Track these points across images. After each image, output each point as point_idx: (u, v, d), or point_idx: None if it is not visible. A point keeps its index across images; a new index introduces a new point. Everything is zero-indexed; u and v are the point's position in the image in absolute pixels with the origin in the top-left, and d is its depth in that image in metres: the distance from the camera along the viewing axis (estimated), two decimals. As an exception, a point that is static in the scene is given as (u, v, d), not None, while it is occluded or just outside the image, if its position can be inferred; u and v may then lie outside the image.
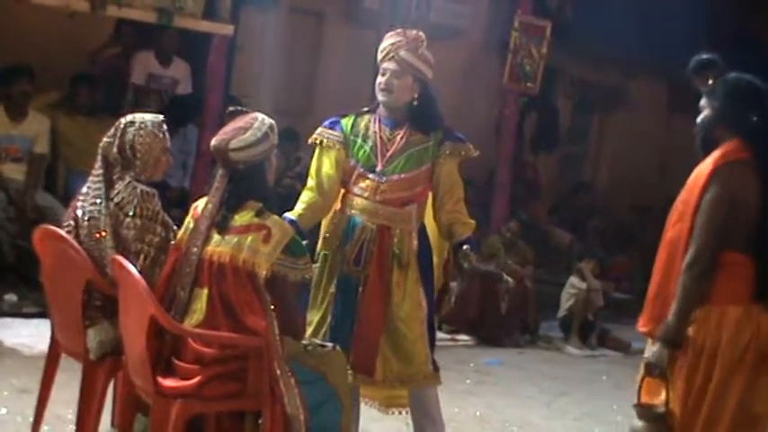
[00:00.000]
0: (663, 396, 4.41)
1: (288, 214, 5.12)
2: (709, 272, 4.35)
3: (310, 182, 5.31)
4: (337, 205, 5.35)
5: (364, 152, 5.26)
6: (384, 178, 5.22)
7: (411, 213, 5.26)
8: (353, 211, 5.26)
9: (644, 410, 4.49)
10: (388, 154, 5.23)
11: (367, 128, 5.30)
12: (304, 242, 4.68)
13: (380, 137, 5.26)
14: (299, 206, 5.26)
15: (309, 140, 5.36)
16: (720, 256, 4.36)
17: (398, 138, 5.25)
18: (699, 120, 4.60)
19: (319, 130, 5.35)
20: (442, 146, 5.27)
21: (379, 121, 5.29)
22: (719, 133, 4.51)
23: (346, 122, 5.33)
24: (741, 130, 4.45)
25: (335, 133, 5.30)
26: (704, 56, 4.66)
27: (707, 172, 4.40)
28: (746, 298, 4.37)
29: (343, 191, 5.33)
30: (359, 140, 5.28)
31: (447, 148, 5.27)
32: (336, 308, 5.22)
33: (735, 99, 4.51)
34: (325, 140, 5.30)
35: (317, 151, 5.34)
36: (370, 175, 5.24)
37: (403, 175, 5.23)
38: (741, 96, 4.52)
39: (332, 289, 5.24)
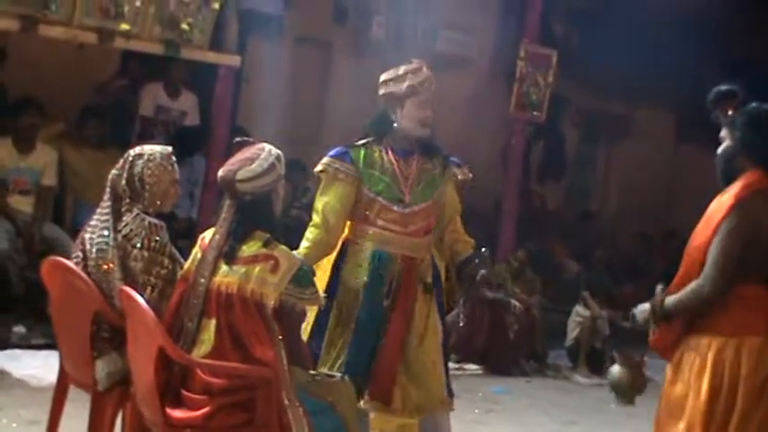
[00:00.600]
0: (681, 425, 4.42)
1: (294, 253, 5.02)
2: (719, 299, 4.36)
3: (315, 218, 5.19)
4: (357, 240, 5.26)
5: (385, 184, 5.20)
6: (408, 209, 5.22)
7: (431, 242, 5.29)
8: (377, 245, 5.21)
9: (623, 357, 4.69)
10: (409, 184, 5.23)
11: (381, 159, 5.24)
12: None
13: (398, 168, 5.25)
14: (305, 244, 5.14)
15: (315, 170, 5.29)
16: (738, 289, 4.36)
17: (413, 167, 5.26)
18: (720, 151, 4.61)
19: (326, 160, 5.25)
20: (446, 170, 5.31)
21: (389, 150, 5.27)
22: (741, 163, 4.51)
23: (356, 154, 5.24)
24: (763, 159, 4.46)
25: (346, 165, 5.20)
26: (724, 87, 4.66)
27: (728, 204, 4.40)
28: (764, 329, 4.37)
29: (350, 223, 5.27)
30: (376, 173, 5.21)
31: (450, 173, 5.32)
32: (354, 344, 5.17)
33: (756, 128, 4.51)
34: (332, 171, 5.21)
35: (322, 183, 5.24)
36: (396, 208, 5.20)
37: (423, 205, 5.24)
38: (762, 125, 4.52)
39: (352, 325, 5.18)
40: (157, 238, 4.73)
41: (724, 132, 4.61)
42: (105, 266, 4.72)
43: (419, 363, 5.19)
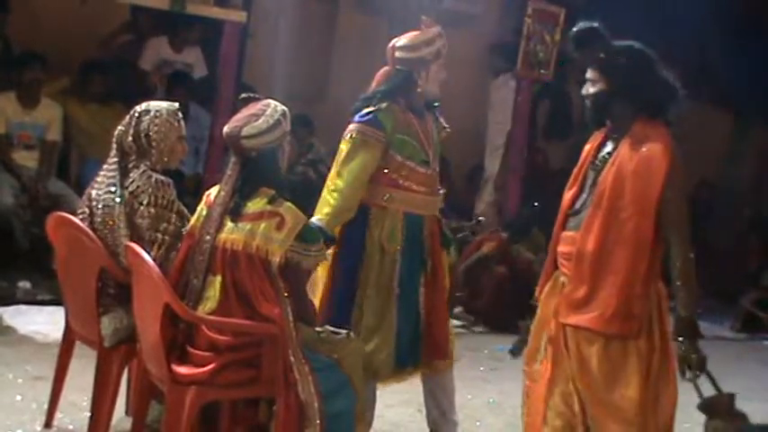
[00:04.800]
0: None
1: (314, 219, 4.95)
2: None
3: (339, 183, 5.09)
4: (387, 202, 5.22)
5: (413, 147, 5.20)
6: (431, 170, 5.27)
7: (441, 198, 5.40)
8: (407, 208, 5.21)
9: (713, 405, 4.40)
10: (431, 144, 5.27)
11: (407, 121, 5.21)
12: (330, 250, 4.69)
13: (420, 129, 5.25)
14: (326, 210, 5.06)
15: (347, 136, 5.15)
16: None
17: (428, 126, 5.29)
18: (590, 93, 4.44)
19: (354, 126, 5.15)
20: (438, 123, 5.39)
21: (409, 110, 5.23)
22: (619, 109, 4.37)
23: (386, 119, 5.15)
24: (647, 104, 4.32)
25: (377, 132, 5.12)
26: (585, 25, 4.42)
27: (668, 158, 4.28)
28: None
29: (372, 186, 5.17)
30: (404, 137, 5.19)
31: (442, 125, 5.41)
32: (401, 310, 5.19)
33: (638, 72, 4.34)
34: (361, 138, 5.12)
35: (349, 148, 5.12)
36: (423, 169, 5.23)
37: (436, 162, 5.34)
38: (645, 68, 4.34)
39: (396, 291, 5.19)
40: (164, 195, 4.72)
41: (592, 74, 4.42)
42: (112, 222, 4.72)
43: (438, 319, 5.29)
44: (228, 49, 8.38)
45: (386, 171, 5.16)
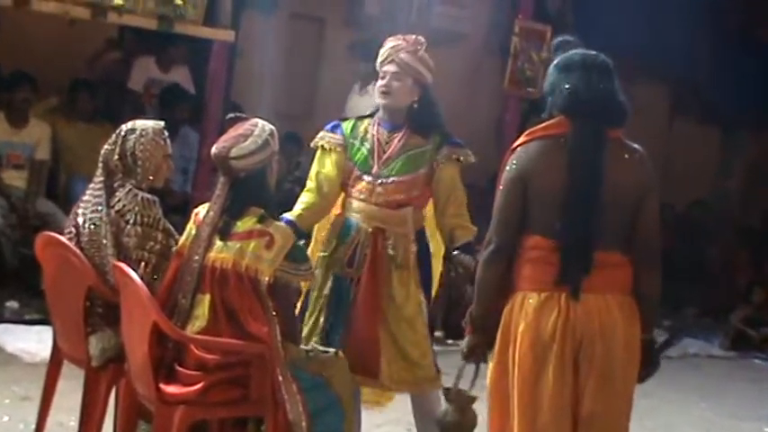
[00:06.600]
0: None
1: (287, 215, 5.12)
2: (500, 255, 4.25)
3: (310, 184, 5.31)
4: (338, 209, 5.37)
5: (362, 155, 5.26)
6: (379, 180, 5.22)
7: (406, 216, 5.25)
8: (350, 214, 5.27)
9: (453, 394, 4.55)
10: (385, 156, 5.23)
11: (366, 131, 5.30)
12: (302, 242, 4.69)
13: (378, 139, 5.27)
14: (298, 207, 5.26)
15: (311, 144, 5.38)
16: (522, 240, 4.23)
17: (396, 140, 5.26)
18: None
19: (321, 133, 5.37)
20: (440, 150, 5.26)
21: (379, 124, 5.30)
22: (550, 110, 4.32)
23: (347, 126, 5.35)
24: (564, 105, 4.24)
25: (336, 136, 5.31)
26: (561, 38, 4.46)
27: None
28: (550, 283, 4.17)
29: (343, 194, 5.35)
30: (357, 143, 5.28)
31: (445, 152, 5.25)
32: (330, 310, 5.23)
33: (558, 74, 4.30)
34: (325, 143, 5.31)
35: (318, 154, 5.34)
36: (366, 178, 5.24)
37: (398, 178, 5.22)
38: (563, 71, 4.29)
39: (326, 291, 5.24)
40: (150, 213, 4.71)
41: None
42: (99, 242, 4.71)
43: (404, 335, 5.20)
44: (217, 69, 8.37)
45: (345, 177, 5.28)
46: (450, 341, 9.33)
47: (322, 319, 5.22)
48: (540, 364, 4.16)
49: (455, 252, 5.15)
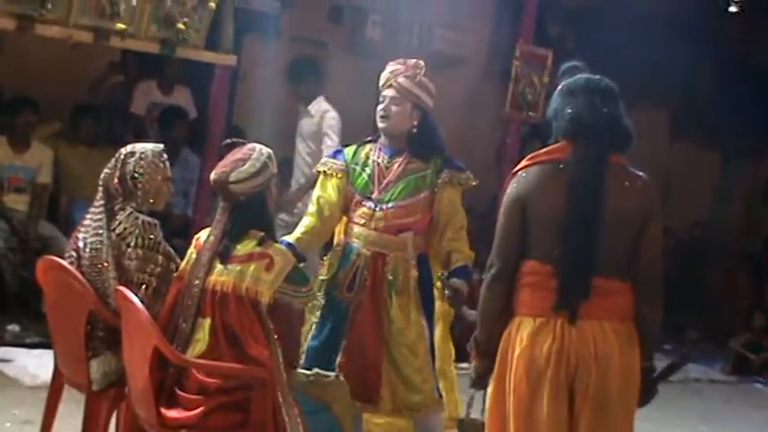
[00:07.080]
0: None
1: (286, 237, 5.18)
2: (501, 278, 4.23)
3: (311, 208, 5.35)
4: (342, 235, 5.39)
5: (362, 180, 5.30)
6: (379, 206, 5.24)
7: (406, 241, 5.26)
8: (351, 239, 5.30)
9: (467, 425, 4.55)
10: (385, 181, 5.26)
11: (367, 156, 5.34)
12: (302, 264, 4.70)
13: (378, 165, 5.30)
14: (299, 230, 5.31)
15: (314, 170, 5.43)
16: (521, 265, 4.21)
17: (396, 165, 5.28)
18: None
19: (323, 159, 5.46)
20: (440, 174, 5.28)
21: (380, 149, 5.33)
22: (554, 135, 4.32)
23: (348, 151, 5.40)
24: (565, 129, 4.24)
25: (338, 162, 5.36)
26: (569, 64, 4.46)
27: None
28: (547, 309, 4.15)
29: (345, 219, 5.37)
30: (358, 168, 5.33)
31: (445, 176, 5.27)
32: (321, 332, 5.25)
33: (559, 99, 4.31)
34: (327, 169, 5.36)
35: (320, 179, 5.39)
36: (366, 203, 5.27)
37: (399, 203, 5.24)
38: (564, 97, 4.30)
39: (319, 313, 5.28)
40: (151, 236, 4.72)
41: None
42: (100, 266, 4.72)
43: (405, 360, 5.20)
44: (218, 92, 8.40)
45: (347, 202, 5.33)
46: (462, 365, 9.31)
47: (308, 341, 5.24)
48: (535, 389, 4.14)
49: (448, 276, 5.17)
